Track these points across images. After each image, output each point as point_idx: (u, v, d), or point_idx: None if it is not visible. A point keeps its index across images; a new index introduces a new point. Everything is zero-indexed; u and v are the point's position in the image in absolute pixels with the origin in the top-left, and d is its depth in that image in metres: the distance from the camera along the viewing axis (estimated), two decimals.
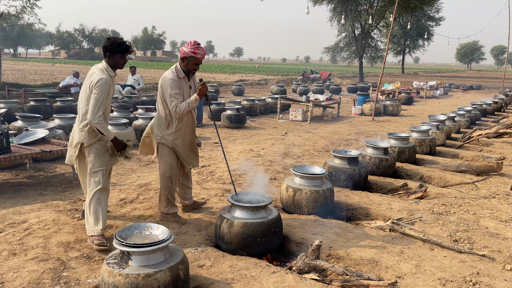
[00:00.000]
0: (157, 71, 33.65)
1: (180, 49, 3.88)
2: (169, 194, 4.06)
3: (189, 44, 3.80)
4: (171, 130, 3.94)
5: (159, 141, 3.97)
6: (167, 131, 3.94)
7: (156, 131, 4.00)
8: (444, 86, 24.91)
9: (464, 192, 5.21)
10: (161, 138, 3.96)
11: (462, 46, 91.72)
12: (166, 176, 4.01)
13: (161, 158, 4.02)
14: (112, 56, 3.55)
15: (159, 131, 3.97)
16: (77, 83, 13.39)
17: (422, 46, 49.44)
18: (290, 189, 4.39)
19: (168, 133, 3.94)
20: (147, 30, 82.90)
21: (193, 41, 3.82)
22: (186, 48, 3.79)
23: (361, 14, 32.72)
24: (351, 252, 3.45)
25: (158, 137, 3.98)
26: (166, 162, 4.00)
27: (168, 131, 3.94)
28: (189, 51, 3.76)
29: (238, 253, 3.40)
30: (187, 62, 3.83)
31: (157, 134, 3.98)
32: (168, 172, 4.00)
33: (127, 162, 6.39)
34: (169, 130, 3.94)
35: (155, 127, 4.01)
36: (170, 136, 3.95)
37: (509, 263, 3.33)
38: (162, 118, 3.94)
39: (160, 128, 3.97)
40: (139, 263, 2.57)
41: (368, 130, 10.22)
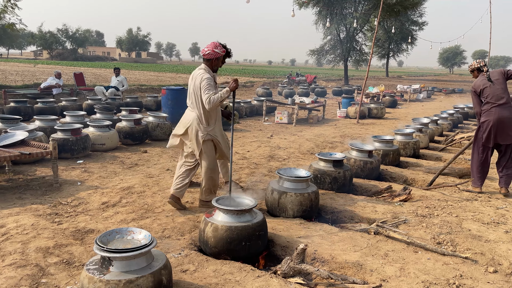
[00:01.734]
0: (141, 72, 33.34)
1: (209, 53, 4.25)
2: (212, 184, 4.48)
3: (217, 47, 4.25)
4: (212, 126, 4.39)
5: (204, 138, 4.34)
6: (209, 128, 4.37)
7: (199, 131, 4.36)
8: (427, 89, 25.29)
9: (447, 194, 5.27)
10: (206, 135, 4.35)
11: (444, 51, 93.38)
12: (211, 169, 4.42)
13: (205, 153, 4.40)
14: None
15: (202, 130, 4.35)
16: (59, 84, 13.17)
17: (406, 50, 50.18)
18: (275, 192, 4.37)
19: (211, 129, 4.38)
20: (131, 31, 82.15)
21: (217, 43, 4.29)
22: (217, 49, 4.25)
23: (346, 18, 33.05)
24: (336, 255, 3.43)
25: (203, 135, 4.34)
26: (210, 156, 4.42)
27: (210, 127, 4.38)
28: (220, 51, 4.26)
29: (223, 258, 3.36)
30: (217, 62, 4.31)
31: (202, 133, 4.35)
32: (212, 164, 4.43)
33: (110, 165, 6.28)
34: (210, 127, 4.38)
35: (196, 127, 4.36)
36: (213, 132, 4.40)
37: (492, 265, 3.36)
38: (202, 118, 4.34)
39: (202, 127, 4.36)
40: (121, 268, 2.51)
41: (353, 133, 10.28)
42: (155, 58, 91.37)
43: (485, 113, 5.23)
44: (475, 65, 5.50)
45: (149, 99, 13.17)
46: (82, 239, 3.66)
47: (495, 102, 5.14)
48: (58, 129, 6.52)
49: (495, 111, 5.12)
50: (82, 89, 14.21)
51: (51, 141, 5.20)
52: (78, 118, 7.94)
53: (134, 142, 7.81)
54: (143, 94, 16.61)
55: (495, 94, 5.15)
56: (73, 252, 3.39)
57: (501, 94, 5.14)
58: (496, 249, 3.61)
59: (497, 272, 3.27)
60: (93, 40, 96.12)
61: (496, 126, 5.11)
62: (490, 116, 5.14)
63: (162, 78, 26.16)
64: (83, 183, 5.32)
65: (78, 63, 49.54)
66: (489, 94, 5.18)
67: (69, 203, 4.57)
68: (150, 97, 13.26)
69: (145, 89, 18.32)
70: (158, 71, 36.45)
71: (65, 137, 6.40)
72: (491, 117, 5.13)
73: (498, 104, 5.12)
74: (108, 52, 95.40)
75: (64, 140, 6.34)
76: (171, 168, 6.24)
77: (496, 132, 5.14)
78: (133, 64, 54.71)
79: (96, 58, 72.08)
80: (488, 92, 5.19)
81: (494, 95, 5.15)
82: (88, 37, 76.92)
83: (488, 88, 5.19)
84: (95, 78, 22.18)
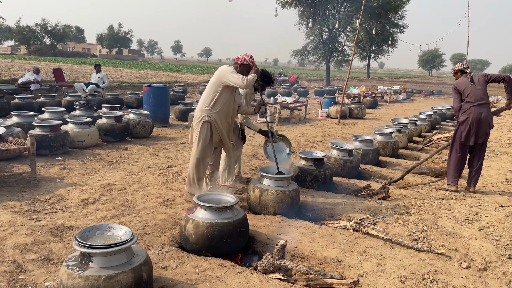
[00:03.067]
0: (123, 69, 32.91)
1: (239, 57, 4.49)
2: (197, 177, 4.52)
3: (248, 56, 4.49)
4: (216, 109, 4.43)
5: (203, 119, 4.42)
6: (212, 110, 4.43)
7: (200, 112, 4.46)
8: (407, 91, 25.74)
9: (424, 193, 5.40)
10: (206, 116, 4.42)
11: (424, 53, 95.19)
12: (198, 158, 4.48)
13: (198, 137, 4.46)
14: None
15: (203, 112, 4.45)
16: (37, 79, 12.92)
17: (387, 51, 50.91)
18: (256, 189, 4.40)
19: (213, 112, 4.43)
20: (113, 27, 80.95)
21: (250, 54, 4.53)
22: (247, 57, 4.47)
23: (329, 19, 33.35)
24: (315, 251, 3.49)
25: (203, 116, 4.43)
26: (203, 143, 4.46)
27: (213, 110, 4.43)
28: (249, 60, 4.46)
29: (204, 254, 3.37)
30: (243, 68, 4.45)
31: (201, 114, 4.45)
32: (202, 154, 4.49)
33: (90, 162, 6.21)
34: (214, 110, 4.43)
35: (198, 110, 4.49)
36: (214, 114, 4.43)
37: (465, 261, 3.48)
38: (208, 99, 4.43)
39: (204, 109, 4.45)
40: (100, 264, 2.50)
41: (334, 133, 10.41)
42: (137, 56, 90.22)
43: (464, 113, 5.37)
44: (458, 67, 5.67)
45: (130, 96, 13.03)
46: (60, 236, 3.62)
47: (474, 101, 5.30)
48: (37, 125, 6.40)
49: (474, 111, 5.28)
50: (61, 85, 13.96)
51: (29, 137, 5.11)
52: (57, 115, 7.81)
53: (114, 139, 7.73)
54: (124, 91, 16.43)
55: (476, 94, 5.31)
56: (52, 249, 3.35)
57: (482, 95, 5.30)
58: (470, 246, 3.73)
59: (470, 267, 3.38)
60: (72, 36, 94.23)
61: (475, 125, 5.27)
62: (469, 115, 5.30)
63: (143, 76, 25.90)
64: (62, 180, 5.25)
65: (57, 59, 48.52)
66: (469, 94, 5.33)
67: (47, 200, 4.50)
68: (131, 95, 13.12)
69: (126, 86, 18.11)
70: (139, 69, 36.05)
71: (43, 133, 6.29)
72: (470, 116, 5.29)
73: (477, 103, 5.28)
74: (88, 48, 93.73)
75: (43, 137, 6.23)
76: (152, 165, 6.20)
77: (475, 130, 5.30)
78: (114, 61, 53.95)
79: (75, 54, 70.76)
80: (469, 92, 5.34)
81: (474, 95, 5.31)
82: (67, 32, 75.44)
83: (470, 88, 5.35)
84: (75, 75, 21.80)
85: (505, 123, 13.69)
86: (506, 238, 3.97)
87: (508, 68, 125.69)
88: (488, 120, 5.27)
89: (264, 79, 4.86)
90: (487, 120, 5.27)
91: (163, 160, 6.60)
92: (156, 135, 8.77)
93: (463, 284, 3.09)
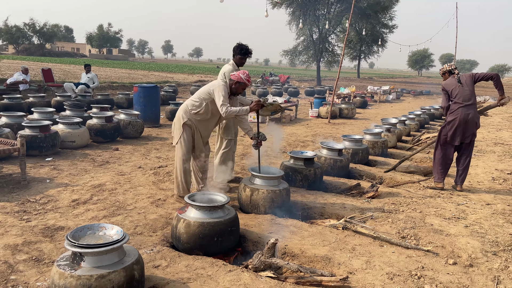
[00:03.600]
0: (113, 69, 32.71)
1: (236, 75, 4.50)
2: (183, 177, 4.57)
3: (244, 73, 4.51)
4: (198, 117, 4.52)
5: (185, 122, 4.49)
6: (195, 116, 4.52)
7: (184, 113, 4.53)
8: (397, 91, 26.00)
9: (412, 191, 5.49)
10: (188, 120, 4.49)
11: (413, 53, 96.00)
12: (183, 159, 4.54)
13: (182, 140, 4.51)
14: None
15: (186, 114, 4.52)
16: (26, 80, 12.80)
17: (377, 52, 51.29)
18: (247, 189, 4.44)
19: (195, 118, 4.52)
20: (102, 27, 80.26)
21: (247, 72, 4.57)
22: (243, 75, 4.48)
23: (319, 19, 33.50)
24: (305, 249, 3.54)
25: (185, 119, 4.49)
26: (186, 145, 4.52)
27: (196, 116, 4.52)
28: (245, 78, 4.47)
29: (195, 253, 3.40)
30: (238, 86, 4.51)
31: (184, 117, 4.51)
32: (186, 156, 4.54)
33: (80, 162, 6.19)
34: (197, 116, 4.52)
35: (182, 109, 4.56)
36: (196, 121, 4.53)
37: (452, 257, 3.55)
38: (195, 104, 4.49)
39: (188, 111, 4.52)
40: (92, 264, 2.52)
41: (324, 132, 10.49)
42: (127, 55, 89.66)
43: (452, 113, 5.46)
44: (446, 68, 5.76)
45: (120, 96, 12.98)
46: (51, 236, 3.62)
47: (462, 102, 5.40)
48: (26, 126, 6.37)
49: (461, 111, 5.38)
50: (50, 86, 13.85)
51: (19, 138, 5.09)
52: (46, 115, 7.76)
53: (105, 139, 7.71)
54: (114, 91, 16.35)
55: (463, 95, 5.41)
56: (43, 249, 3.35)
57: (469, 96, 5.41)
58: (456, 243, 3.81)
59: (457, 264, 3.45)
60: (61, 36, 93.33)
61: (462, 126, 5.37)
62: (457, 115, 5.39)
63: (134, 76, 25.78)
64: (52, 181, 5.24)
65: (46, 58, 48.01)
66: (457, 95, 5.43)
67: (37, 201, 4.49)
68: (122, 95, 13.07)
69: (116, 86, 18.02)
70: (129, 69, 35.85)
71: (33, 134, 6.26)
72: (457, 116, 5.38)
73: (465, 104, 5.38)
74: (77, 48, 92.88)
75: (32, 137, 6.20)
76: (143, 165, 6.21)
77: (462, 130, 5.40)
78: (104, 61, 53.58)
79: (65, 54, 70.13)
80: (456, 93, 5.44)
81: (462, 95, 5.41)
82: (56, 32, 74.72)
83: (457, 89, 5.45)
84: (64, 75, 21.62)
85: (492, 123, 13.90)
86: (491, 235, 4.07)
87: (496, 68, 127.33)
88: (475, 120, 5.37)
89: (241, 51, 5.11)
90: (474, 120, 5.37)
91: (154, 160, 6.61)
92: (147, 135, 8.77)
93: (449, 280, 3.16)
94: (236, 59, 5.21)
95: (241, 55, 5.16)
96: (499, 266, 3.42)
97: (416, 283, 3.09)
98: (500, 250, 3.72)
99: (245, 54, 5.16)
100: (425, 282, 3.10)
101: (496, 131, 11.79)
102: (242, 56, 5.17)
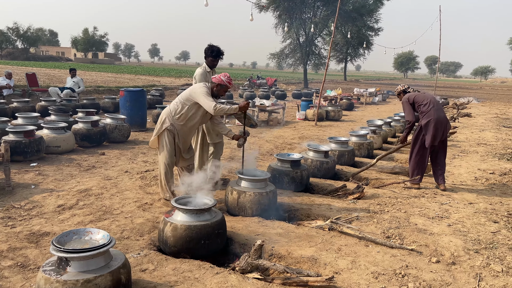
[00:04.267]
0: (99, 73, 32.43)
1: (217, 77, 4.53)
2: (166, 180, 4.59)
3: (225, 76, 4.53)
4: (180, 122, 4.50)
5: (167, 127, 4.48)
6: (177, 121, 4.49)
7: (166, 117, 4.52)
8: (383, 93, 26.28)
9: (397, 192, 5.57)
10: (170, 125, 4.48)
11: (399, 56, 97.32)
12: (166, 164, 4.55)
13: (163, 144, 4.52)
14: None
15: (168, 118, 4.51)
16: (10, 84, 12.64)
17: (363, 54, 51.78)
18: (234, 191, 4.46)
19: (178, 123, 4.49)
20: (87, 30, 79.43)
21: (228, 75, 4.58)
22: (224, 77, 4.50)
23: (306, 22, 33.73)
24: (292, 251, 3.58)
25: (167, 124, 4.49)
26: (169, 150, 4.52)
27: (178, 121, 4.50)
28: (226, 80, 4.49)
29: (182, 256, 3.41)
30: (219, 88, 4.52)
31: (166, 122, 4.50)
32: (169, 160, 4.55)
33: (66, 167, 6.14)
34: (179, 121, 4.50)
35: (165, 113, 4.55)
36: (178, 126, 4.50)
37: (435, 256, 3.62)
38: (177, 109, 4.49)
39: (170, 116, 4.50)
40: (78, 268, 2.52)
41: (311, 134, 10.57)
42: (113, 59, 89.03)
43: (425, 115, 5.60)
44: (401, 88, 6.06)
45: (106, 100, 12.88)
46: (37, 242, 3.60)
47: (433, 104, 5.57)
48: (10, 131, 6.30)
49: (434, 112, 5.54)
50: (35, 90, 13.68)
51: (3, 143, 5.04)
52: (31, 120, 7.68)
53: (91, 144, 7.65)
54: (100, 95, 16.22)
55: (430, 97, 5.65)
56: (28, 255, 3.32)
57: (435, 98, 5.66)
58: (439, 241, 3.89)
59: (440, 262, 3.53)
60: (46, 40, 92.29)
61: (436, 126, 5.51)
62: (431, 117, 5.54)
63: (120, 80, 25.61)
64: (38, 186, 5.19)
65: (30, 63, 47.39)
66: (425, 99, 5.64)
67: (22, 207, 4.45)
68: (108, 99, 12.97)
69: (102, 90, 17.88)
70: (116, 72, 35.60)
71: (17, 139, 6.19)
72: (432, 117, 5.53)
73: (435, 106, 5.57)
74: (62, 52, 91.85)
75: (17, 143, 6.13)
76: (129, 170, 6.19)
77: (440, 130, 5.53)
78: (90, 65, 53.09)
79: (49, 58, 69.32)
80: (423, 98, 5.68)
81: (429, 98, 5.64)
82: (41, 36, 73.98)
83: (421, 95, 5.70)
84: (49, 79, 21.38)
85: (475, 123, 14.17)
86: (473, 233, 4.16)
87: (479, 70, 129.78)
88: (446, 119, 5.60)
89: (212, 53, 5.08)
90: (446, 119, 5.60)
91: (141, 165, 6.59)
92: (134, 140, 8.73)
93: (432, 278, 3.23)
94: (208, 61, 5.17)
95: (212, 57, 5.10)
96: (481, 264, 3.50)
97: (400, 282, 3.14)
98: (482, 248, 3.81)
99: (216, 56, 5.11)
100: (409, 281, 3.16)
101: (479, 132, 12.02)
102: (213, 58, 5.12)
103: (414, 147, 5.80)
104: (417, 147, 5.75)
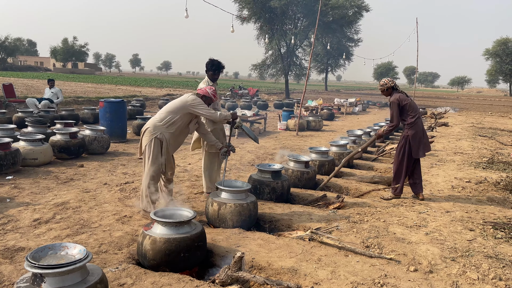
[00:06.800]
0: (78, 84, 32.00)
1: (202, 89, 4.76)
2: (149, 191, 4.51)
3: (211, 89, 4.74)
4: (170, 130, 4.51)
5: (156, 135, 4.45)
6: (166, 130, 4.50)
7: (153, 127, 4.50)
8: (363, 103, 26.69)
9: (376, 201, 5.64)
10: (159, 134, 4.46)
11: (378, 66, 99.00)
12: (152, 175, 4.49)
13: (152, 154, 4.46)
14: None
15: (156, 128, 4.49)
16: None
17: (343, 65, 52.61)
18: (215, 203, 4.45)
19: (166, 131, 4.50)
20: (67, 40, 78.37)
21: (213, 88, 4.78)
22: (209, 90, 4.72)
23: (287, 34, 34.10)
24: (272, 262, 3.58)
25: (155, 132, 4.46)
26: (156, 161, 4.48)
27: (167, 130, 4.50)
28: (211, 93, 4.72)
29: (161, 270, 3.37)
30: (204, 100, 4.68)
31: (154, 130, 4.48)
32: (155, 171, 4.50)
33: (43, 180, 6.02)
34: (168, 130, 4.51)
35: (152, 124, 4.52)
36: (167, 134, 4.50)
37: (413, 264, 3.68)
38: (165, 118, 4.50)
39: (158, 126, 4.50)
40: (53, 285, 2.46)
41: (292, 145, 10.64)
42: (93, 69, 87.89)
43: (412, 126, 5.62)
44: (389, 84, 5.75)
45: (86, 111, 12.72)
46: (11, 257, 3.50)
47: (417, 115, 5.66)
48: None
49: (419, 124, 5.64)
50: (11, 101, 13.42)
51: None
52: (7, 132, 7.52)
53: (69, 156, 7.53)
54: (80, 106, 16.00)
55: (416, 108, 5.69)
56: (2, 271, 3.23)
57: (419, 109, 5.74)
58: (417, 250, 3.95)
59: (417, 270, 3.58)
60: (24, 49, 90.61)
61: (424, 137, 5.65)
62: (418, 128, 5.63)
63: (100, 90, 25.32)
64: (13, 200, 5.06)
65: (7, 73, 46.37)
66: (413, 109, 5.67)
67: None
68: (87, 110, 12.81)
69: (82, 101, 17.65)
70: (96, 83, 35.20)
71: None
72: (418, 129, 5.62)
73: (419, 116, 5.67)
74: (41, 62, 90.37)
75: None
76: (108, 182, 6.10)
77: (424, 142, 5.66)
78: (69, 75, 52.31)
79: (27, 68, 68.04)
80: (412, 109, 5.67)
81: (415, 108, 5.68)
82: (19, 46, 72.53)
83: (411, 103, 5.69)
84: (27, 90, 20.98)
85: (452, 133, 14.50)
86: (450, 241, 4.24)
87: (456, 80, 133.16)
88: (425, 130, 5.73)
89: (212, 67, 5.30)
90: (425, 131, 5.73)
91: (120, 176, 6.50)
92: (113, 151, 8.63)
93: (410, 286, 3.27)
94: (209, 75, 5.37)
95: (212, 71, 5.33)
96: (457, 272, 3.56)
97: None
98: (458, 256, 3.88)
99: (216, 69, 5.33)
100: None
101: (456, 141, 12.30)
102: (213, 72, 5.33)
103: (403, 157, 5.70)
104: (405, 157, 5.68)
